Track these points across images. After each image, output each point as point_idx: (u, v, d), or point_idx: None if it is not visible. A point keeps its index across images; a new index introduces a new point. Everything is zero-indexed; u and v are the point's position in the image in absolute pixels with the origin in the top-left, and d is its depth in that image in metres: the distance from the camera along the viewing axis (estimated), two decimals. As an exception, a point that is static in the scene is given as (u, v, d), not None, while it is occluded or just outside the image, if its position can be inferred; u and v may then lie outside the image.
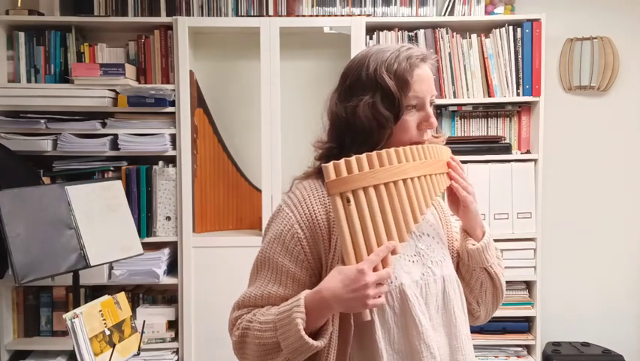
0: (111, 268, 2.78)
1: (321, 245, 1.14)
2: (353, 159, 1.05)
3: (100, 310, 2.06)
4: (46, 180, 2.76)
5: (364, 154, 1.07)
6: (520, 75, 2.90)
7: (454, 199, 1.26)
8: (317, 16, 2.92)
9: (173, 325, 2.86)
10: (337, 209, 1.04)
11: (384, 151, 1.09)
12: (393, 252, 1.07)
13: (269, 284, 1.15)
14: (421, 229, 1.25)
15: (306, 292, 1.08)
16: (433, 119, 1.18)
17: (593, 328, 3.14)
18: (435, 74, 1.23)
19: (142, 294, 2.91)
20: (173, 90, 2.79)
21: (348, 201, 1.04)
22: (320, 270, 1.16)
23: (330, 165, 1.04)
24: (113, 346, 2.04)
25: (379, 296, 1.05)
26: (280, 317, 1.07)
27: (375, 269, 1.04)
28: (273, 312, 1.10)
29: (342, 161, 1.05)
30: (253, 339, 1.10)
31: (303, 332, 1.03)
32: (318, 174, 1.20)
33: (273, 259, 1.15)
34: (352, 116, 1.15)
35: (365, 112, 1.14)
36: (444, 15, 2.92)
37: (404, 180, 1.11)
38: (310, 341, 1.04)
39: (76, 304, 2.28)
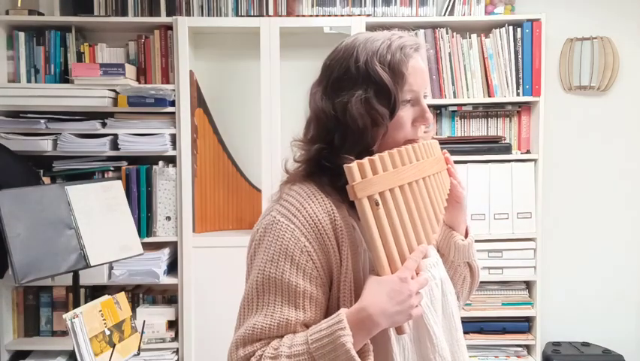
0: (111, 268, 2.77)
1: (332, 258, 1.01)
2: (376, 157, 0.97)
3: (100, 310, 2.06)
4: (46, 180, 2.76)
5: (386, 152, 1.00)
6: (520, 75, 2.90)
7: None
8: (317, 16, 2.92)
9: (173, 325, 2.86)
10: (366, 214, 0.95)
11: (403, 148, 1.03)
12: (424, 256, 1.00)
13: (283, 309, 0.98)
14: None
15: (344, 311, 0.95)
16: (429, 115, 1.09)
17: (593, 328, 3.14)
18: (428, 65, 1.16)
19: (142, 294, 2.91)
20: (173, 90, 2.79)
21: (377, 204, 0.96)
22: (330, 285, 1.03)
23: (355, 165, 0.95)
24: (113, 346, 2.04)
25: (418, 305, 0.98)
26: (318, 345, 0.92)
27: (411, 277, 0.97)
28: (301, 341, 0.94)
29: (365, 160, 0.96)
30: None
31: (357, 357, 0.91)
32: (307, 176, 1.08)
33: (282, 280, 0.99)
34: (343, 114, 1.04)
35: (358, 109, 1.02)
36: (444, 15, 2.91)
37: (424, 179, 1.06)
38: None
39: (77, 304, 2.28)
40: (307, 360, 0.93)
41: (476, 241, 1.27)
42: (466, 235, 1.24)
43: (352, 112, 1.03)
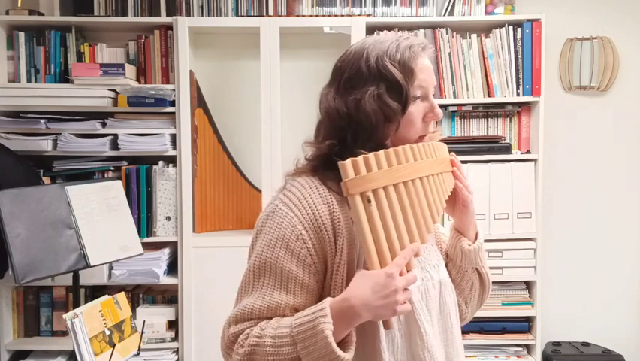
0: (111, 268, 2.78)
1: (327, 247, 1.05)
2: (371, 156, 0.99)
3: (100, 310, 2.06)
4: (46, 180, 2.76)
5: (382, 151, 1.01)
6: (520, 75, 2.90)
7: (452, 198, 1.19)
8: (317, 16, 2.92)
9: (173, 325, 2.86)
10: (358, 210, 0.97)
11: (400, 148, 1.04)
12: (416, 254, 1.01)
13: (274, 293, 1.03)
14: None
15: (329, 300, 0.99)
16: (439, 110, 1.13)
17: (593, 328, 3.14)
18: (434, 66, 1.19)
19: (142, 294, 2.91)
20: (173, 90, 2.79)
21: (369, 201, 0.98)
22: (325, 274, 1.07)
23: (349, 162, 0.97)
24: (113, 346, 2.04)
25: (405, 302, 0.99)
26: (300, 329, 0.96)
27: (399, 273, 0.98)
28: (286, 324, 0.99)
29: (360, 158, 0.98)
30: (265, 357, 0.98)
31: (334, 345, 0.94)
32: (312, 171, 1.12)
33: (276, 265, 1.04)
34: (355, 111, 1.07)
35: (371, 104, 1.06)
36: (444, 15, 2.91)
37: (421, 179, 1.07)
38: (342, 353, 0.95)
39: (76, 304, 2.28)
40: (289, 343, 0.97)
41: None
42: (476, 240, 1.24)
43: (365, 108, 1.06)
